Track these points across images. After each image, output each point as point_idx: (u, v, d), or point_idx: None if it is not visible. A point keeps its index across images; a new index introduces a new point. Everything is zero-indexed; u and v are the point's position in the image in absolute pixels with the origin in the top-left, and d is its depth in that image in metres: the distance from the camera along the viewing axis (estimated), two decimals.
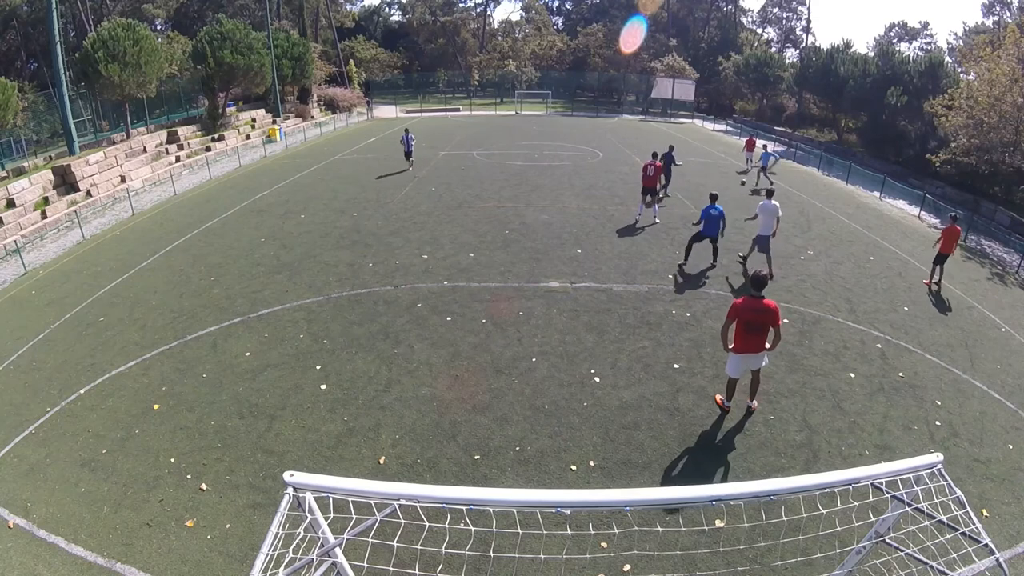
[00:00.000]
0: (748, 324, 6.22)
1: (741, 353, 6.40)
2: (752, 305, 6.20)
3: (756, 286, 6.33)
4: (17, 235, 13.98)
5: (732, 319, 6.31)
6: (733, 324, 6.32)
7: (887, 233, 15.05)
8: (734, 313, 6.27)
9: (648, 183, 13.82)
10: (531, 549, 4.61)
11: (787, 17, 59.60)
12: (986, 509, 5.68)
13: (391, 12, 65.68)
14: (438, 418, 6.83)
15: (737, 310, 6.24)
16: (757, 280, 6.36)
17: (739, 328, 6.28)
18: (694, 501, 2.83)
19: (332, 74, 42.03)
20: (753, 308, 6.20)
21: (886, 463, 3.21)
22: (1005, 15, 41.70)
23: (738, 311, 6.23)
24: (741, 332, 6.28)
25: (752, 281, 6.38)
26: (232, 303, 9.88)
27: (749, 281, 6.53)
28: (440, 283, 10.58)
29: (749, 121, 40.81)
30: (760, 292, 6.30)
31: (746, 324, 6.23)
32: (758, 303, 6.21)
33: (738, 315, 6.25)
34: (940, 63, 29.56)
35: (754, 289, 6.34)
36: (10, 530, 5.33)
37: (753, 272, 6.46)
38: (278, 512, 2.67)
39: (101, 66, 19.34)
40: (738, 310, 6.23)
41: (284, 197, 16.96)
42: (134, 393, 7.41)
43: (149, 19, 41.10)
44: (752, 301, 6.21)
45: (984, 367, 8.52)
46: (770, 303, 6.23)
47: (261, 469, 6.02)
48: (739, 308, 6.22)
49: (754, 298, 6.24)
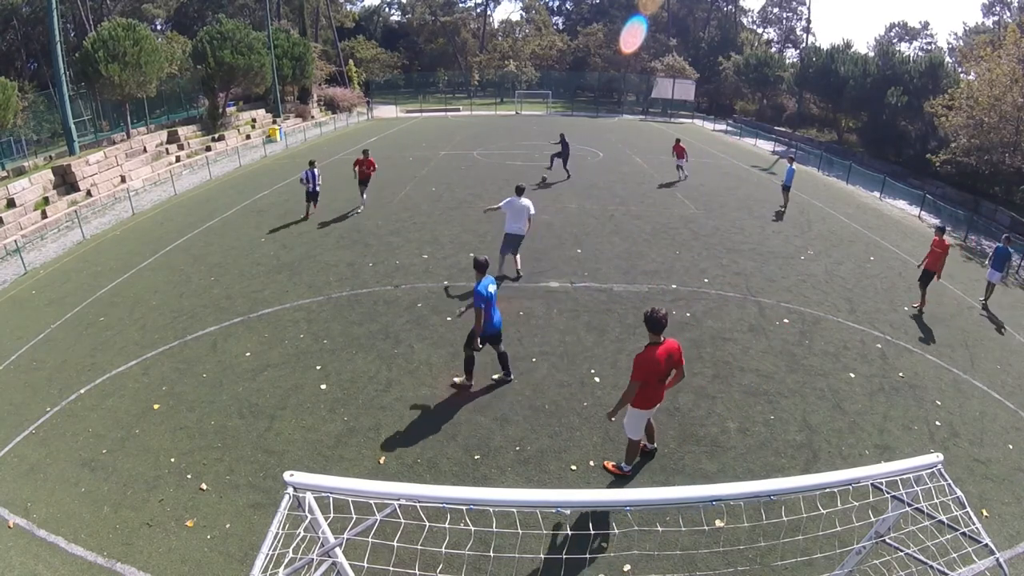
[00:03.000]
0: (659, 376, 5.23)
1: (650, 408, 5.47)
2: (659, 355, 5.12)
3: (655, 328, 5.12)
4: (17, 235, 13.98)
5: (642, 379, 5.12)
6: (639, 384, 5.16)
7: (887, 233, 15.05)
8: (643, 372, 5.10)
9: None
10: (531, 549, 4.61)
11: (787, 17, 59.61)
12: (986, 509, 5.68)
13: (391, 12, 65.67)
14: (438, 418, 6.83)
15: (646, 367, 5.10)
16: (655, 321, 5.10)
17: (650, 383, 5.21)
18: (694, 501, 2.83)
19: (332, 74, 42.01)
20: (662, 358, 5.14)
21: (886, 463, 3.21)
22: (1005, 15, 41.73)
23: (648, 368, 5.10)
24: (651, 386, 5.24)
25: (649, 323, 5.13)
26: (232, 303, 9.88)
27: (645, 324, 5.18)
28: (440, 283, 10.58)
29: (749, 121, 40.81)
30: (659, 335, 5.17)
31: (657, 377, 5.21)
32: (664, 349, 5.16)
33: (648, 373, 5.12)
34: (940, 63, 29.55)
35: (653, 333, 5.16)
36: (10, 530, 5.33)
37: (648, 312, 5.15)
38: (278, 512, 2.67)
39: (101, 66, 19.34)
40: (648, 367, 5.10)
41: (284, 197, 16.96)
42: (134, 393, 7.41)
43: (149, 19, 41.07)
44: (656, 350, 5.13)
45: (984, 367, 8.52)
46: (673, 344, 5.26)
47: (261, 469, 6.02)
48: (648, 364, 5.10)
49: (656, 345, 5.15)
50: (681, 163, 19.62)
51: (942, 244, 10.14)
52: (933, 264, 10.14)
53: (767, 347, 8.59)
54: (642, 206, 16.04)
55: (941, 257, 10.12)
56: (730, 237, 13.59)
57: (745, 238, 13.57)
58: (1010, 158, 19.23)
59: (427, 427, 6.67)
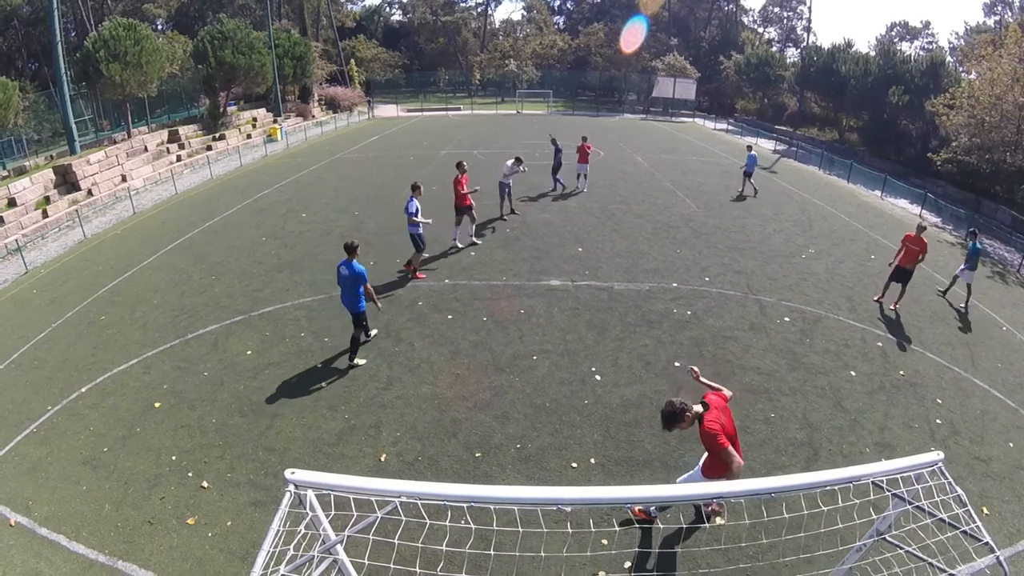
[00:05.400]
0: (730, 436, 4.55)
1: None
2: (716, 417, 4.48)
3: (669, 422, 4.48)
4: (18, 234, 13.99)
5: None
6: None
7: (888, 232, 15.03)
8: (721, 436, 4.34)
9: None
10: (532, 547, 4.61)
11: (788, 16, 59.47)
12: (986, 507, 5.68)
13: (392, 11, 65.55)
14: (439, 416, 6.84)
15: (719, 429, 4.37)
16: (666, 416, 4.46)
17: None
18: (695, 499, 2.84)
19: (333, 73, 42.00)
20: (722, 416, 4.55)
21: (887, 461, 3.21)
22: (1006, 15, 41.60)
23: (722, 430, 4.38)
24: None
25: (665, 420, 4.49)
26: (233, 301, 9.89)
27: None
28: (441, 281, 10.58)
29: (750, 120, 40.76)
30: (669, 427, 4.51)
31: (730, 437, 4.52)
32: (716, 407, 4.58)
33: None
34: (941, 62, 29.50)
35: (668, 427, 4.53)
36: (12, 528, 5.34)
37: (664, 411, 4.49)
38: (279, 509, 2.67)
39: (102, 66, 19.35)
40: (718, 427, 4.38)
41: (285, 196, 16.96)
42: (135, 391, 7.42)
43: (150, 19, 41.06)
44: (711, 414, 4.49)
45: (985, 365, 8.51)
46: (703, 427, 4.42)
47: (262, 467, 6.03)
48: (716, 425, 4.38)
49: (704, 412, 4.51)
50: (583, 169, 16.68)
51: (919, 242, 9.62)
52: (909, 260, 9.69)
53: (768, 345, 8.59)
54: (643, 204, 16.03)
55: (918, 255, 9.67)
56: (731, 235, 13.58)
57: (746, 236, 13.56)
58: (1011, 157, 19.20)
59: (428, 425, 6.68)
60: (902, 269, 9.82)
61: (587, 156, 16.60)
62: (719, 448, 4.28)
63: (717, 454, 4.35)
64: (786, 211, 16.26)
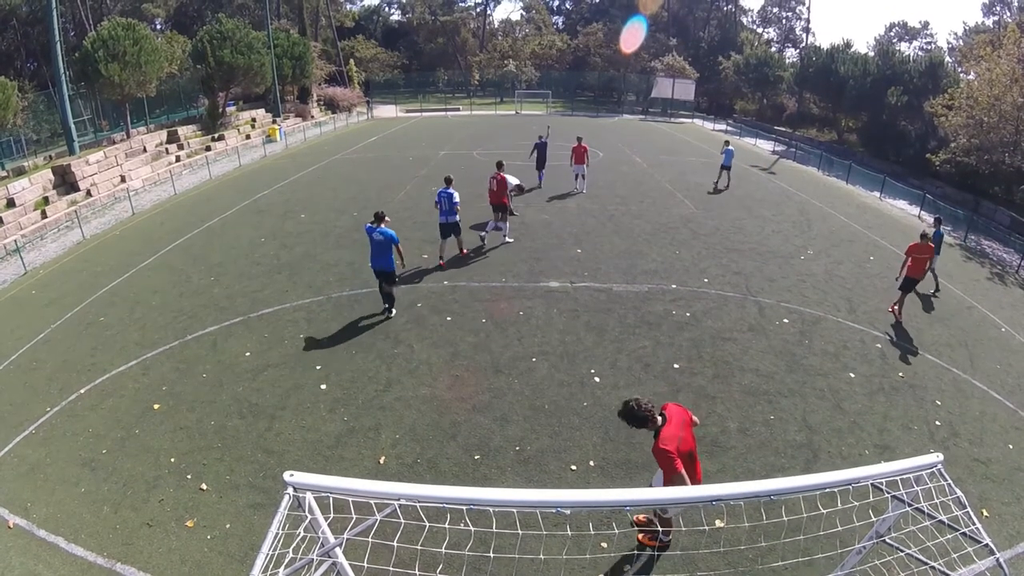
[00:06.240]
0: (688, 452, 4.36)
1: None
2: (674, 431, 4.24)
3: (633, 422, 4.28)
4: (17, 235, 13.97)
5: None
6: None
7: (887, 233, 15.05)
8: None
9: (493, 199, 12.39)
10: (531, 549, 4.60)
11: (787, 17, 59.55)
12: (986, 509, 5.68)
13: (391, 12, 65.63)
14: (438, 418, 6.83)
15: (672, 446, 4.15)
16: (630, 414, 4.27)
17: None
18: (694, 501, 2.83)
19: (332, 73, 41.98)
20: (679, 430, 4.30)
21: (886, 463, 3.20)
22: (1005, 15, 41.68)
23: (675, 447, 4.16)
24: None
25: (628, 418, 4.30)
26: (232, 303, 9.88)
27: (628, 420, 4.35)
28: (440, 283, 10.58)
29: (749, 121, 40.81)
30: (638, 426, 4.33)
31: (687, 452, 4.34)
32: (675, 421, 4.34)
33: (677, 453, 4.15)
34: (940, 63, 29.58)
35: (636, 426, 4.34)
36: (10, 530, 5.33)
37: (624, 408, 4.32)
38: (278, 512, 2.66)
39: (101, 66, 19.32)
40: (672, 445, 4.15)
41: (284, 196, 16.95)
42: (134, 393, 7.41)
43: (149, 19, 41.04)
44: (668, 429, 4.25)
45: (984, 367, 8.51)
46: (656, 444, 4.18)
47: (261, 469, 6.02)
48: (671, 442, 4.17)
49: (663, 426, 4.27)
50: (580, 170, 16.33)
51: (928, 248, 9.45)
52: (918, 271, 9.49)
53: (767, 347, 8.59)
54: (642, 205, 16.04)
55: (926, 263, 9.58)
56: (730, 236, 13.58)
57: (745, 238, 13.56)
58: (1010, 157, 19.23)
59: (427, 427, 6.67)
60: (911, 279, 9.58)
61: (583, 157, 16.32)
62: (672, 472, 4.03)
63: (669, 477, 4.08)
64: (785, 212, 16.27)
